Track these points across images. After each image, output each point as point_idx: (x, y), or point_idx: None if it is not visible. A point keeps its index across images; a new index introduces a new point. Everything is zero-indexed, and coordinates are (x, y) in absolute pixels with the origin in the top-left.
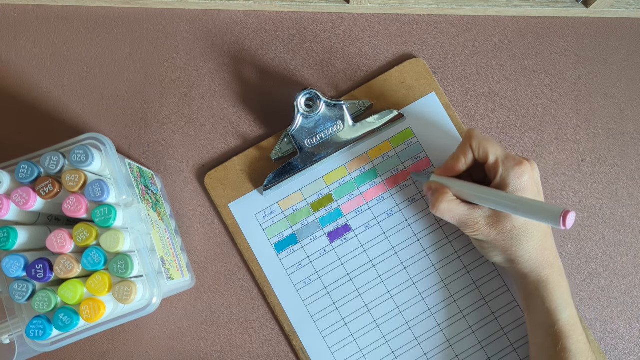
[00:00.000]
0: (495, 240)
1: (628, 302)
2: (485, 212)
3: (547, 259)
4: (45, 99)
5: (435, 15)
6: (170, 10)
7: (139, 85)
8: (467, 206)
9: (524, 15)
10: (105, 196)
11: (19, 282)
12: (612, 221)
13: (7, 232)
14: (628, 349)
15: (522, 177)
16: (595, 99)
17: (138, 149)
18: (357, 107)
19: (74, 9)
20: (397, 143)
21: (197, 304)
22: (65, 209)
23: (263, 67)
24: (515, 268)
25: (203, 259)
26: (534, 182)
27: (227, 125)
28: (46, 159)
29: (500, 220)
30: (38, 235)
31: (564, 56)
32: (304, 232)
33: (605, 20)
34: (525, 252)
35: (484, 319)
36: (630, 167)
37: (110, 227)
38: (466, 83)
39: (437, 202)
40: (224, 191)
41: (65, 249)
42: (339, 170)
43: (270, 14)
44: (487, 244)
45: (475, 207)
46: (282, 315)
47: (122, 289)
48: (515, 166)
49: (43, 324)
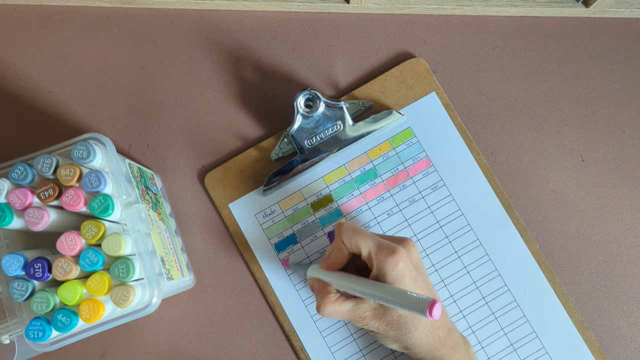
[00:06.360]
0: (385, 331)
1: (628, 302)
2: (371, 305)
3: (439, 339)
4: (45, 99)
5: (435, 15)
6: (170, 10)
7: (139, 85)
8: (353, 302)
9: (524, 15)
10: (102, 186)
11: (18, 281)
12: (612, 221)
13: (2, 209)
14: (628, 349)
15: (397, 266)
16: (595, 99)
17: (138, 149)
18: (357, 107)
19: (74, 9)
20: (397, 143)
21: (197, 304)
22: (64, 202)
23: (263, 67)
24: (410, 354)
25: (203, 259)
26: (412, 267)
27: (227, 125)
28: (39, 161)
29: (386, 311)
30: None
31: (564, 56)
32: (304, 232)
33: (605, 20)
34: (416, 339)
35: (484, 319)
36: (630, 167)
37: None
38: (466, 83)
39: (322, 306)
40: (224, 191)
41: (76, 250)
42: (339, 170)
43: (270, 14)
44: (380, 334)
45: (361, 301)
46: (282, 315)
47: (120, 292)
48: (388, 256)
49: (42, 325)
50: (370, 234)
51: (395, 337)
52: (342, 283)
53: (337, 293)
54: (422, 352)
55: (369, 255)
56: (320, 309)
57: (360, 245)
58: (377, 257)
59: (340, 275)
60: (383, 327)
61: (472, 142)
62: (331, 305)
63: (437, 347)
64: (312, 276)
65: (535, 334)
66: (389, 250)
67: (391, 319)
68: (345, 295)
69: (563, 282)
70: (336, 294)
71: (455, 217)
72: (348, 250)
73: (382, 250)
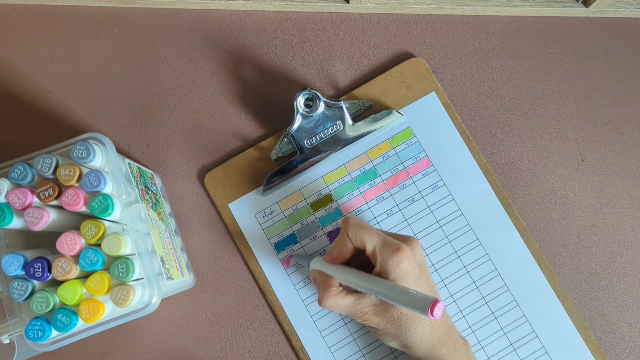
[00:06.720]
0: (385, 328)
1: (628, 302)
2: (373, 301)
3: (439, 339)
4: (45, 99)
5: (435, 15)
6: (170, 10)
7: (139, 85)
8: (354, 297)
9: (524, 15)
10: (102, 186)
11: (18, 281)
12: (612, 221)
13: (2, 209)
14: (628, 349)
15: (401, 264)
16: (595, 99)
17: (138, 149)
18: (357, 107)
19: (74, 9)
20: (397, 143)
21: (197, 304)
22: (64, 202)
23: (263, 67)
24: (410, 352)
25: (203, 259)
26: (415, 266)
27: (227, 125)
28: (39, 161)
29: (387, 308)
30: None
31: (564, 56)
32: (304, 232)
33: (605, 20)
34: (416, 338)
35: (484, 319)
36: (630, 167)
37: (109, 217)
38: (466, 83)
39: (324, 298)
40: (224, 191)
41: (76, 250)
42: (339, 170)
43: (270, 14)
44: (380, 331)
45: (363, 296)
46: (282, 315)
47: (120, 292)
48: (393, 254)
49: (42, 325)
50: (376, 230)
51: (396, 334)
52: (345, 277)
53: (340, 287)
54: (421, 351)
55: (374, 251)
56: (322, 301)
57: (365, 241)
58: (381, 254)
59: (343, 269)
60: (383, 324)
61: (472, 142)
62: (333, 298)
63: (437, 346)
64: (315, 269)
65: (535, 334)
66: (394, 247)
67: (392, 316)
68: (347, 290)
69: (563, 282)
70: (338, 287)
71: (455, 217)
72: (353, 245)
73: (387, 248)
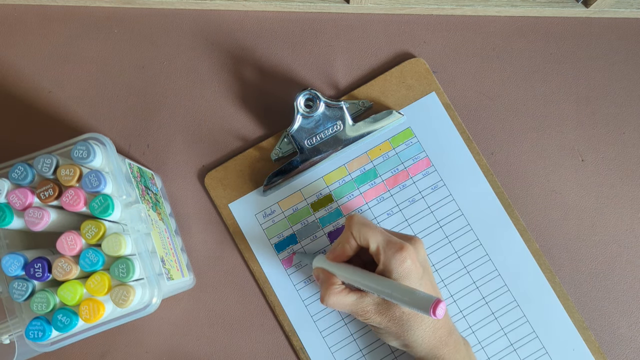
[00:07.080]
0: (387, 327)
1: (628, 302)
2: (375, 299)
3: (440, 339)
4: (45, 99)
5: (435, 15)
6: (170, 10)
7: (139, 85)
8: (356, 295)
9: (524, 15)
10: (102, 186)
11: (18, 281)
12: (612, 221)
13: (2, 209)
14: (628, 349)
15: (404, 263)
16: (595, 99)
17: (138, 149)
18: (357, 107)
19: (74, 9)
20: (397, 143)
21: (197, 304)
22: (64, 202)
23: (263, 67)
24: (411, 352)
25: (203, 259)
26: (418, 265)
27: (227, 125)
28: (39, 161)
29: (389, 307)
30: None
31: (564, 56)
32: (304, 232)
33: (605, 20)
34: (417, 337)
35: (484, 319)
36: (630, 167)
37: (109, 217)
38: (466, 83)
39: (326, 296)
40: (224, 191)
41: (76, 250)
42: (339, 170)
43: (270, 14)
44: (381, 330)
45: (365, 295)
46: (282, 315)
47: (120, 292)
48: (396, 253)
49: (42, 325)
50: (380, 228)
51: (397, 333)
52: (347, 275)
53: (342, 285)
54: (422, 351)
55: (377, 249)
56: (324, 299)
57: (369, 239)
58: (384, 253)
59: (346, 267)
60: (385, 323)
61: (472, 142)
62: (335, 296)
63: (438, 346)
64: (318, 266)
65: (535, 334)
66: (397, 246)
67: (394, 315)
68: (349, 288)
69: (563, 282)
70: (341, 285)
71: (455, 217)
72: (356, 242)
73: (391, 246)
